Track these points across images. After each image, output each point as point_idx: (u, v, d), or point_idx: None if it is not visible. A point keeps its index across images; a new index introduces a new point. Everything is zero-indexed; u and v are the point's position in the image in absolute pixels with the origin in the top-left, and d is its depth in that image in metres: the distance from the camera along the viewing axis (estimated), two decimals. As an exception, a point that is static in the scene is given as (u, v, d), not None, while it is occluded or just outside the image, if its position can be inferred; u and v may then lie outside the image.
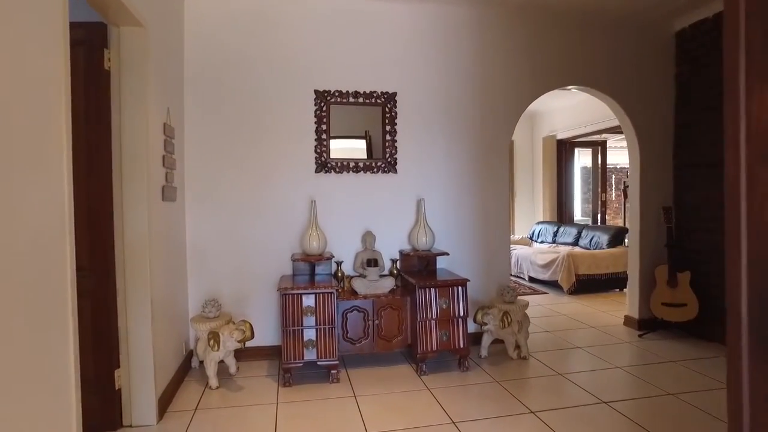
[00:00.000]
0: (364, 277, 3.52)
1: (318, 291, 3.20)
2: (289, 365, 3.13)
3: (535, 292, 6.23)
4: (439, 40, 3.91)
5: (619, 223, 11.12)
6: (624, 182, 11.17)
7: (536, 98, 4.11)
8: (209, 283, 3.57)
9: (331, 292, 3.22)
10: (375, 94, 3.79)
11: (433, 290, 3.37)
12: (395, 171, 3.84)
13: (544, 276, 6.43)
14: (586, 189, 13.66)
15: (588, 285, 6.04)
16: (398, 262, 3.82)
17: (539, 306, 5.37)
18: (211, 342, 3.02)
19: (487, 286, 4.04)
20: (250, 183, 3.62)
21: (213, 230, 3.58)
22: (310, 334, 3.18)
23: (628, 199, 11.27)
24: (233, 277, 3.61)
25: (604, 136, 8.71)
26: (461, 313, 3.39)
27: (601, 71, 4.20)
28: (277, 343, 3.57)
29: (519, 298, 3.81)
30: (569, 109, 8.02)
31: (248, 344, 3.32)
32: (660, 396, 2.93)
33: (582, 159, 9.94)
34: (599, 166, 8.74)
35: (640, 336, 4.14)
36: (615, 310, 5.10)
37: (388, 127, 3.83)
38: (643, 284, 4.33)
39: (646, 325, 4.29)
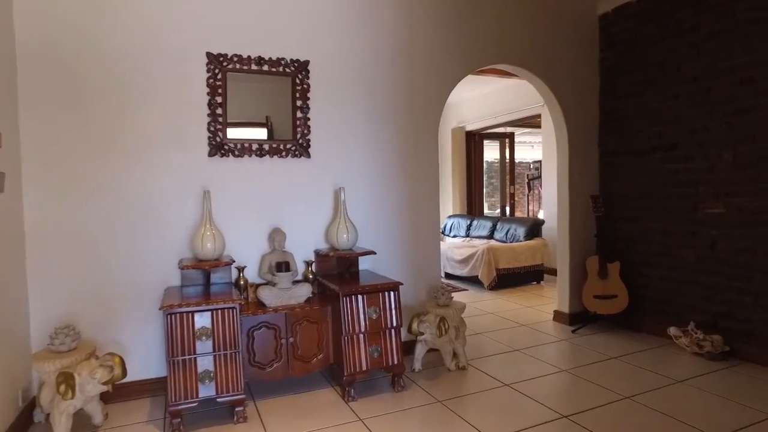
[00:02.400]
0: (274, 284, 2.85)
1: (215, 306, 2.48)
2: (177, 407, 2.36)
3: (455, 290, 5.92)
4: (363, 6, 3.34)
5: (523, 215, 11.40)
6: (527, 175, 11.48)
7: (466, 76, 3.70)
8: (61, 304, 2.66)
9: (232, 307, 2.51)
10: (283, 62, 3.11)
11: (359, 297, 2.79)
12: (308, 155, 3.20)
13: (463, 272, 6.15)
14: (488, 183, 13.98)
15: (508, 279, 5.85)
16: (314, 265, 3.19)
17: (463, 304, 5.02)
18: (62, 387, 2.16)
19: (417, 288, 3.55)
20: (119, 169, 2.77)
21: (66, 232, 2.67)
22: (205, 363, 2.45)
23: (532, 191, 11.64)
24: (97, 294, 2.73)
25: (511, 129, 8.75)
26: (394, 323, 2.86)
27: (531, 52, 3.90)
28: (165, 374, 2.76)
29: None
30: (478, 100, 7.89)
31: (127, 378, 2.49)
32: (617, 401, 2.63)
33: (487, 153, 9.98)
34: (507, 158, 8.75)
35: (573, 332, 3.92)
36: (540, 305, 4.91)
37: (299, 102, 3.17)
38: (573, 277, 4.13)
39: (576, 319, 4.10)
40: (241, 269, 2.95)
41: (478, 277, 5.82)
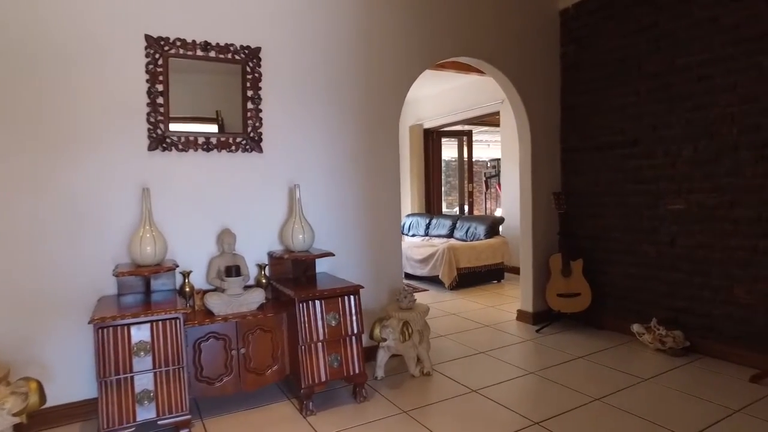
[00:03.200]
0: (223, 290, 2.60)
1: (155, 317, 2.21)
2: (110, 433, 2.09)
3: (415, 290, 5.78)
4: (314, -13, 3.13)
5: (481, 214, 11.46)
6: (485, 173, 11.55)
7: (426, 69, 3.55)
8: (-28, 319, 2.32)
9: (174, 318, 2.25)
10: (232, 48, 2.86)
11: (317, 303, 2.58)
12: (260, 149, 2.95)
13: (423, 272, 6.02)
14: (446, 182, 14.02)
15: (468, 279, 5.77)
16: (267, 269, 2.95)
17: (425, 305, 4.88)
18: (-34, 418, 1.85)
19: (378, 290, 3.37)
20: (44, 164, 2.44)
21: (-22, 236, 2.33)
22: (144, 381, 2.18)
23: (489, 190, 11.71)
24: (15, 306, 2.39)
25: (469, 127, 8.73)
26: (355, 330, 2.66)
27: (493, 45, 3.80)
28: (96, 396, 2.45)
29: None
30: (436, 97, 7.81)
31: (52, 402, 2.18)
32: (587, 404, 2.55)
33: (445, 152, 9.95)
34: (465, 156, 8.71)
35: (537, 331, 3.85)
36: (503, 304, 4.84)
37: (250, 93, 2.93)
38: (536, 276, 4.07)
39: (540, 318, 4.04)
40: (186, 274, 2.68)
41: (438, 277, 5.71)
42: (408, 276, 6.32)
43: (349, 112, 3.25)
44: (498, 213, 11.42)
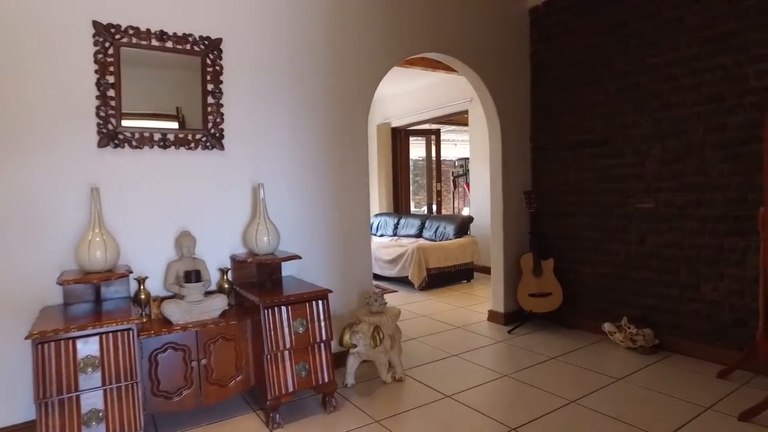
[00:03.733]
0: (182, 297, 2.43)
1: (105, 329, 2.02)
2: (54, 457, 1.89)
3: (385, 292, 5.68)
4: (278, -24, 2.98)
5: (449, 213, 11.48)
6: (452, 173, 11.57)
7: (396, 64, 3.46)
8: None
9: (127, 329, 2.06)
10: (191, 38, 2.68)
11: (283, 309, 2.44)
12: (221, 146, 2.78)
13: (392, 272, 5.93)
14: (413, 181, 13.99)
15: (438, 279, 5.72)
16: (230, 273, 2.79)
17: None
18: None
19: (347, 293, 3.25)
20: (-24, 162, 2.21)
21: None
22: (92, 400, 1.98)
23: (457, 189, 11.74)
24: (-53, 319, 2.16)
25: (437, 125, 8.70)
26: (324, 337, 2.54)
27: (464, 42, 3.74)
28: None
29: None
30: (404, 95, 7.74)
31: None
32: (564, 406, 2.50)
33: (413, 151, 9.90)
34: (434, 155, 8.67)
35: (510, 332, 3.81)
36: (473, 305, 4.80)
37: (210, 86, 2.75)
38: (507, 276, 4.03)
39: (512, 318, 4.00)
40: (141, 281, 2.48)
41: (408, 277, 5.63)
42: (377, 277, 6.21)
43: (316, 108, 3.11)
44: (465, 212, 11.49)
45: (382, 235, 7.32)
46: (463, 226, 6.19)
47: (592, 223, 3.73)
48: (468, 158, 10.09)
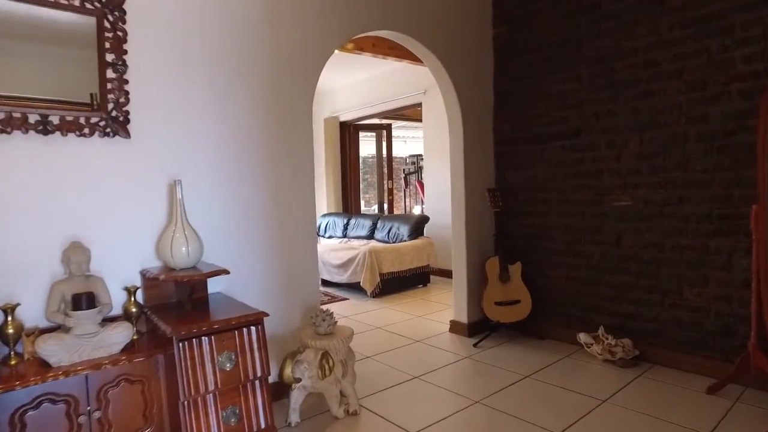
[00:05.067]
0: (69, 329, 1.84)
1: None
2: None
3: (333, 299, 5.19)
4: (199, -76, 2.42)
5: (401, 212, 11.10)
6: (404, 170, 11.20)
7: (345, 42, 2.97)
8: None
9: (-27, 384, 1.47)
10: (79, -8, 2.08)
11: (205, 341, 1.90)
12: (126, 133, 2.19)
13: (342, 278, 5.44)
14: (363, 179, 13.53)
15: (392, 284, 5.28)
16: (139, 293, 2.21)
17: (344, 319, 4.31)
18: None
19: (289, 311, 2.74)
20: None
21: None
22: None
23: (408, 187, 11.36)
24: None
25: (387, 120, 8.29)
26: (258, 372, 2.02)
27: (420, 20, 3.30)
28: None
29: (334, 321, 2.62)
30: (353, 87, 7.26)
31: None
32: (548, 445, 2.12)
33: (363, 148, 9.46)
34: (385, 151, 8.25)
35: (475, 345, 3.42)
36: (432, 313, 4.39)
37: (110, 57, 2.16)
38: (471, 282, 3.64)
39: (476, 329, 3.62)
40: (9, 310, 1.86)
41: (359, 283, 5.15)
42: (325, 283, 5.71)
43: (249, 91, 2.58)
44: (417, 211, 11.15)
45: (330, 237, 6.82)
46: (418, 227, 5.78)
47: (564, 223, 3.40)
48: (420, 155, 9.76)
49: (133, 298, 2.14)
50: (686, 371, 2.83)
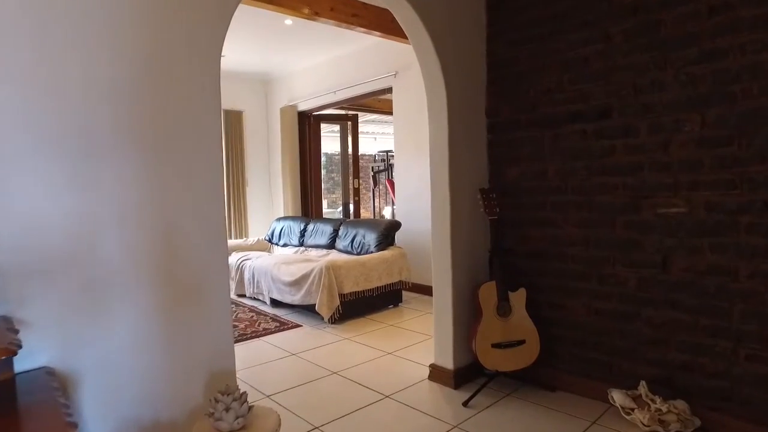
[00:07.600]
0: None
1: None
2: None
3: (282, 326, 4.16)
4: None
5: (368, 216, 10.12)
6: (372, 168, 10.23)
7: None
8: None
9: None
10: None
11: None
12: None
13: (294, 298, 4.42)
14: (328, 178, 12.52)
15: (355, 306, 4.30)
16: None
17: (291, 358, 3.31)
18: None
19: (185, 382, 1.73)
20: None
21: None
22: None
23: (377, 186, 10.39)
24: None
25: (353, 111, 7.32)
26: None
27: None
28: None
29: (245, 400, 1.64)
30: (313, 71, 6.27)
31: None
32: None
33: (326, 144, 8.47)
34: (350, 146, 7.25)
35: (465, 404, 2.48)
36: (407, 347, 3.44)
37: None
38: (458, 314, 2.71)
39: (464, 377, 2.70)
40: None
41: (315, 307, 4.15)
42: (276, 303, 4.69)
43: (113, 36, 1.56)
44: (387, 212, 10.19)
45: (285, 245, 5.82)
46: (387, 235, 4.81)
47: (585, 236, 2.50)
48: (391, 151, 8.81)
49: None
50: (772, 452, 1.97)
